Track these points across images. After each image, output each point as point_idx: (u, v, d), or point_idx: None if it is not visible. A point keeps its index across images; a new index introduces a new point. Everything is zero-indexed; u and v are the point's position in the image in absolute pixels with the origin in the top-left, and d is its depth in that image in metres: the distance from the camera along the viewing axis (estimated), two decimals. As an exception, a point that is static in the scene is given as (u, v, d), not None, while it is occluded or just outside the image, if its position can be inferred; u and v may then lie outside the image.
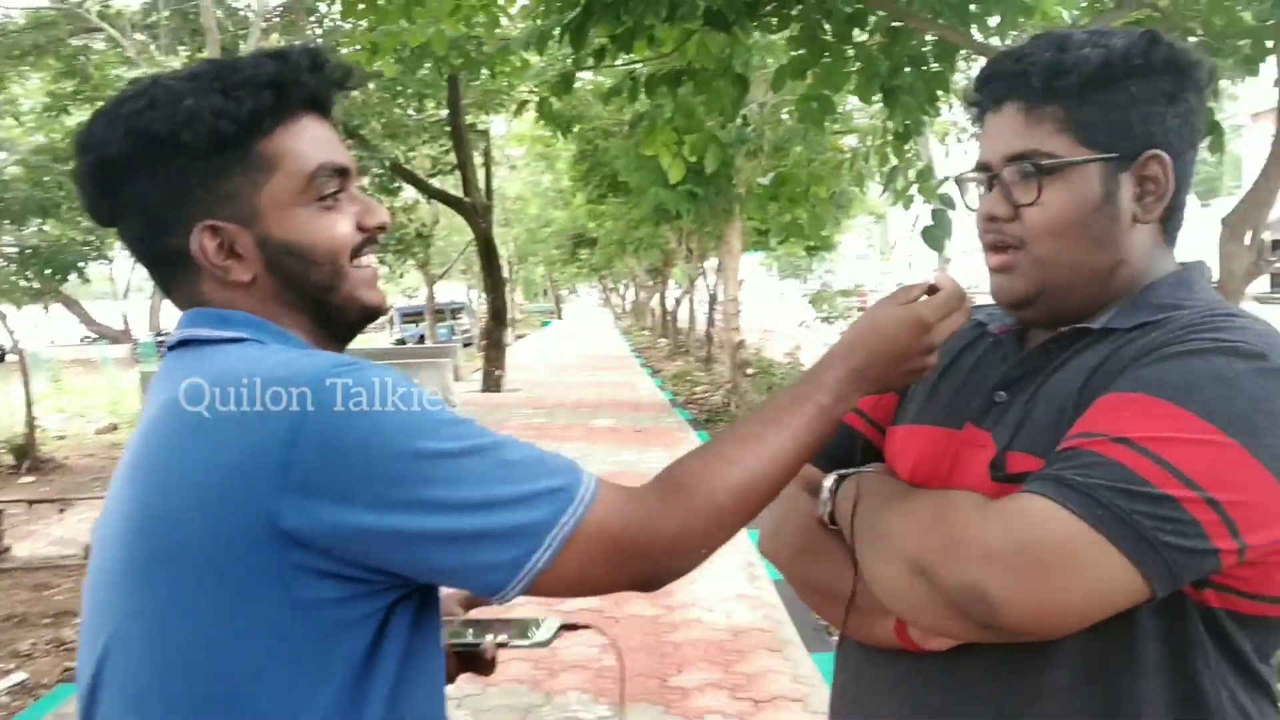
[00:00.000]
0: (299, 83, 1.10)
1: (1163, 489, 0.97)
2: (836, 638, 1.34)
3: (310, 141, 1.11)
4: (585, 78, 15.81)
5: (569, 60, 4.59)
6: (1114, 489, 0.98)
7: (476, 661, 1.32)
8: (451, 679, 1.27)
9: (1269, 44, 3.63)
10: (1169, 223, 1.18)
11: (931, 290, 1.17)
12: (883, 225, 37.78)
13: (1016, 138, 1.16)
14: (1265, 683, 1.10)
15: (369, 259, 1.16)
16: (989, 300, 1.26)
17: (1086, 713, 1.07)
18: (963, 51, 4.10)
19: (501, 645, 1.31)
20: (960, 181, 1.29)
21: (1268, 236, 3.79)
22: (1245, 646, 1.08)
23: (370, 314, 1.16)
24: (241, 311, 1.10)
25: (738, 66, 4.16)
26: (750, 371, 14.93)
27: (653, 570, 1.05)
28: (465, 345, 28.27)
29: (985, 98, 1.21)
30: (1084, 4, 4.57)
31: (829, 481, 1.28)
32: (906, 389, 1.34)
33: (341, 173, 1.13)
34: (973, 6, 3.98)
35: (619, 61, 4.34)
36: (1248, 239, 3.55)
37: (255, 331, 1.09)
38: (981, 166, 1.21)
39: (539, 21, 4.28)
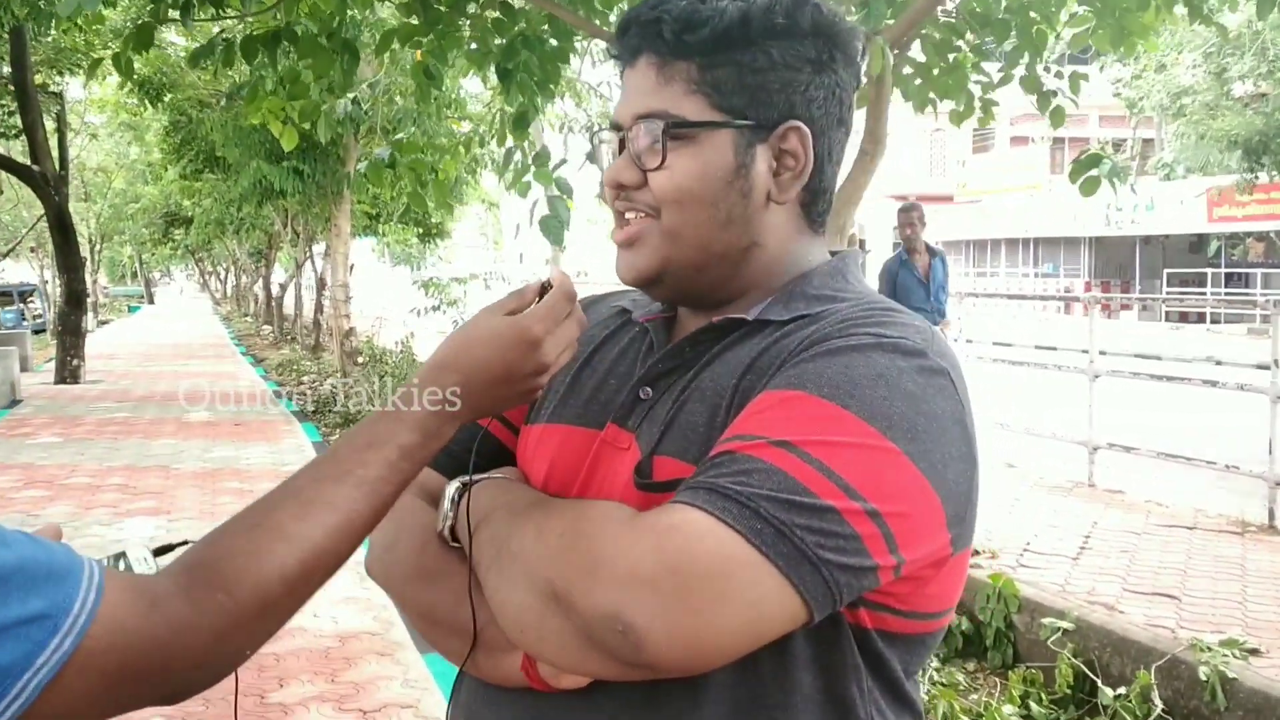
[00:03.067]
0: None
1: (825, 499, 0.85)
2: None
3: None
4: (180, 42, 14.61)
5: (147, 10, 4.07)
6: (775, 499, 0.85)
7: None
8: None
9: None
10: (813, 207, 1.08)
11: (546, 289, 0.99)
12: (495, 214, 38.04)
13: (646, 96, 1.03)
14: (912, 701, 1.02)
15: None
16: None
17: None
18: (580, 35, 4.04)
19: None
20: (595, 143, 1.15)
21: (857, 232, 4.11)
22: (895, 666, 0.99)
23: None
24: None
25: (345, 32, 3.86)
26: (361, 360, 14.46)
27: (177, 689, 0.81)
28: (37, 332, 26.35)
29: (623, 50, 1.07)
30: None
31: (450, 490, 1.07)
32: None
33: None
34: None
35: (209, 18, 3.90)
36: (842, 233, 3.81)
37: None
38: (614, 126, 1.07)
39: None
